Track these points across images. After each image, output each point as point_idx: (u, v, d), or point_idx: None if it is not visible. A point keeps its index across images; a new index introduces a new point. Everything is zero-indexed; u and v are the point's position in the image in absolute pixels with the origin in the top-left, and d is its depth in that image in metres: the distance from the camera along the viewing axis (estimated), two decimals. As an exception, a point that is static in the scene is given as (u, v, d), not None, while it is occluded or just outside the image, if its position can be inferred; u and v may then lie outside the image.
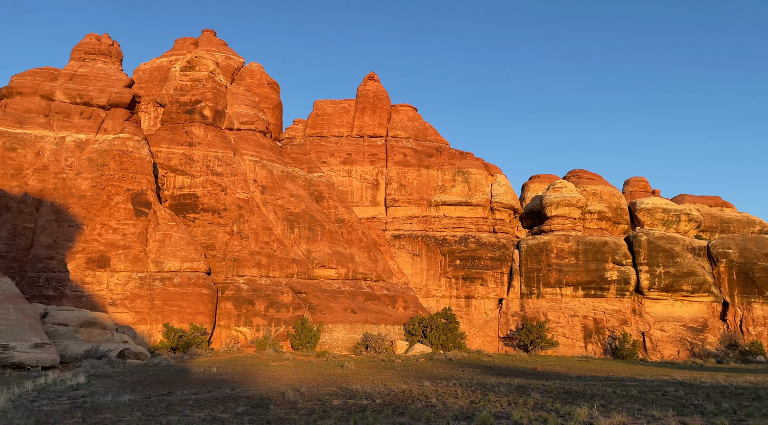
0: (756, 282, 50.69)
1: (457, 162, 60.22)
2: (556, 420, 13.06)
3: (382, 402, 16.88)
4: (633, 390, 20.95)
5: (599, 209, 60.66)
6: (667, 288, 50.85)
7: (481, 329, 52.20)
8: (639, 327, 50.81)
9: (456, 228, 56.74)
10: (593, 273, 51.59)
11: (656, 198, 64.86)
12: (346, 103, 62.62)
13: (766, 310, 50.55)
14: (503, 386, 22.35)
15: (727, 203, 70.18)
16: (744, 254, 51.61)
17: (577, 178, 65.28)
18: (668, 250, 51.61)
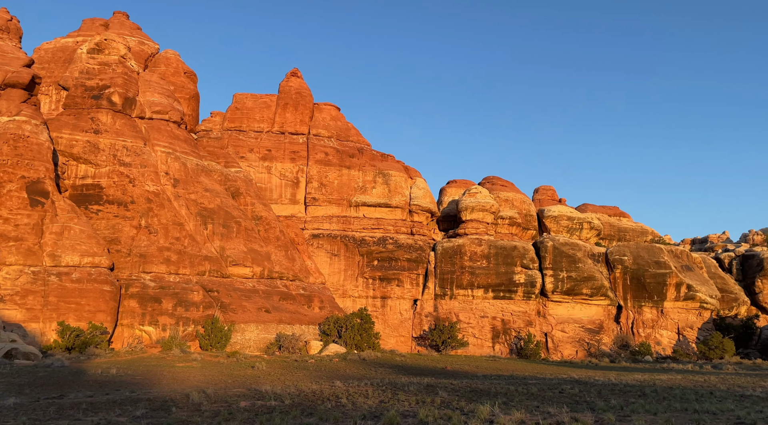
0: (647, 288, 55.01)
1: (379, 163, 60.73)
2: (460, 418, 13.48)
3: (292, 403, 16.67)
4: (533, 388, 22.06)
5: (510, 215, 63.44)
6: (569, 291, 54.02)
7: (396, 329, 52.93)
8: (542, 328, 53.60)
9: (375, 229, 57.19)
10: (503, 276, 53.81)
11: (562, 206, 68.87)
12: (267, 97, 61.32)
13: (654, 313, 55.02)
14: (413, 385, 22.78)
15: (624, 213, 75.84)
16: (637, 261, 55.86)
17: (492, 185, 67.94)
18: (571, 256, 54.85)
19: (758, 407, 16.48)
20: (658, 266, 55.24)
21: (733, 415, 14.64)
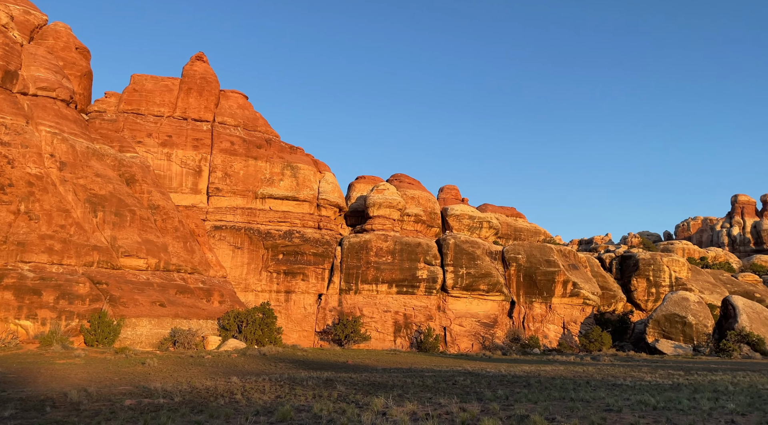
0: (537, 285, 58.64)
1: (287, 156, 59.77)
2: (354, 411, 13.65)
3: (182, 401, 16.03)
4: (429, 381, 22.81)
5: (416, 212, 64.99)
6: (468, 287, 56.35)
7: (299, 324, 52.49)
8: (442, 323, 55.52)
9: (281, 222, 56.27)
10: (407, 271, 55.05)
11: (465, 206, 71.63)
12: (169, 81, 58.19)
13: (543, 309, 58.80)
14: (312, 380, 22.74)
15: (521, 214, 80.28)
16: (530, 259, 59.37)
17: (399, 182, 69.19)
18: (471, 253, 57.21)
19: (626, 395, 18.12)
20: (549, 265, 59.06)
21: (604, 403, 16.01)
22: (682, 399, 16.36)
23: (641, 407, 15.11)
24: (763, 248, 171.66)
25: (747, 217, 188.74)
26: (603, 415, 13.38)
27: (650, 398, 16.38)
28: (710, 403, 15.61)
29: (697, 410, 14.47)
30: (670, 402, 16.00)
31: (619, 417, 13.50)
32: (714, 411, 14.31)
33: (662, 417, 13.23)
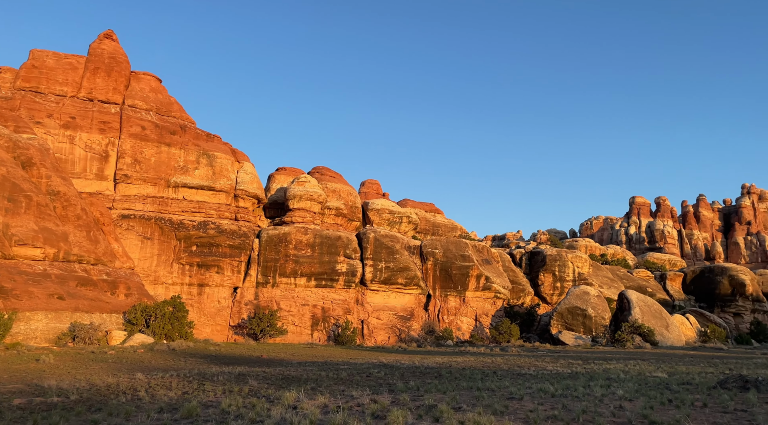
0: (452, 278, 60.44)
1: (203, 144, 57.57)
2: (264, 405, 13.45)
3: (78, 399, 15.08)
4: (343, 373, 22.91)
5: (337, 206, 64.87)
6: (386, 280, 57.07)
7: (213, 318, 50.91)
8: (360, 316, 55.91)
9: (196, 212, 54.20)
10: (326, 265, 54.86)
11: (385, 200, 72.38)
12: (74, 58, 54.17)
13: (457, 302, 60.74)
14: (224, 375, 22.15)
15: (439, 210, 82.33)
16: (446, 254, 61.06)
17: (321, 175, 68.75)
18: (390, 247, 57.95)
19: (528, 384, 19.12)
20: (464, 259, 61.03)
21: (508, 391, 16.80)
22: (578, 387, 17.50)
23: (541, 395, 16.00)
24: (655, 246, 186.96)
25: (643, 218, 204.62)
26: (506, 403, 14.04)
27: (550, 386, 17.39)
28: (603, 390, 16.81)
29: (590, 396, 15.53)
30: (568, 389, 17.07)
31: (520, 404, 14.22)
32: (605, 398, 15.42)
33: (559, 404, 14.09)
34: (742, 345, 64.48)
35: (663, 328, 57.00)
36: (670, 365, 28.89)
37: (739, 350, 53.00)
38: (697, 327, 64.48)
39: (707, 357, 38.64)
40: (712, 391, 16.88)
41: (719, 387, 17.59)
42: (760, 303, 79.79)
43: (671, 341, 56.21)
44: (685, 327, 63.19)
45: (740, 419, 12.03)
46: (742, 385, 17.44)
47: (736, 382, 17.77)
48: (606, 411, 13.09)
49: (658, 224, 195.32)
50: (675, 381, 20.22)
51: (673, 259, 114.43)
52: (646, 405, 13.74)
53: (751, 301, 79.41)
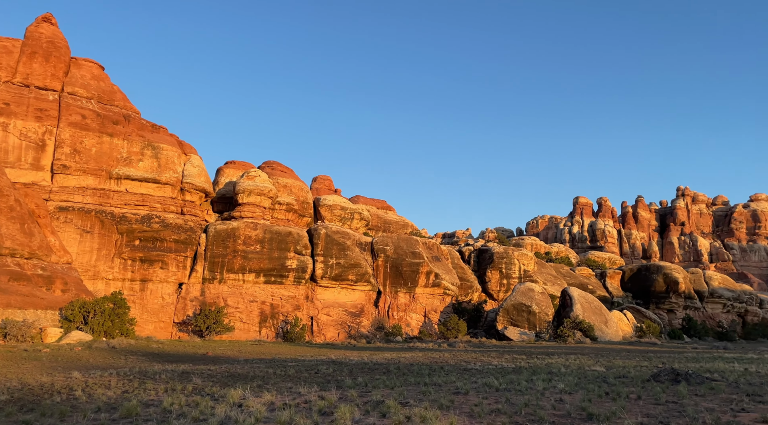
0: (403, 275, 60.90)
1: (148, 134, 55.61)
2: (208, 404, 13.16)
3: (9, 399, 14.30)
4: (291, 370, 22.70)
5: (288, 201, 64.11)
6: (337, 277, 56.90)
7: (156, 315, 49.35)
8: (309, 312, 55.53)
9: (139, 205, 52.32)
10: (276, 261, 54.15)
11: (337, 196, 72.11)
12: (9, 41, 51.12)
13: (407, 298, 61.27)
14: (166, 373, 21.53)
15: (391, 207, 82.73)
16: (397, 251, 61.45)
17: (271, 169, 67.72)
18: (341, 244, 57.79)
19: (474, 378, 19.51)
20: (414, 256, 61.59)
21: (454, 386, 17.09)
22: (522, 381, 18.00)
23: (486, 389, 16.36)
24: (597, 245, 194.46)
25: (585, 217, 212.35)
26: (452, 398, 14.28)
27: (494, 381, 17.81)
28: (544, 384, 17.35)
29: (533, 390, 16.00)
30: (511, 384, 17.53)
31: (465, 398, 14.50)
32: (547, 391, 15.92)
33: (502, 398, 14.45)
34: (675, 339, 68.01)
35: (602, 324, 59.38)
36: (608, 359, 30.13)
37: (671, 344, 55.87)
38: (633, 323, 67.51)
39: (642, 351, 40.52)
40: (646, 384, 17.71)
41: (653, 381, 18.47)
42: (691, 300, 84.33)
43: (610, 336, 58.63)
44: (623, 322, 66.05)
45: (671, 410, 12.67)
46: (673, 378, 18.38)
47: (668, 375, 18.72)
48: (547, 404, 13.52)
49: (599, 224, 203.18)
50: (612, 374, 21.10)
51: (613, 258, 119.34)
52: (584, 398, 14.27)
53: (684, 298, 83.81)
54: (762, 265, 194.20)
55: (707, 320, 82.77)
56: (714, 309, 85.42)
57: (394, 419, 11.27)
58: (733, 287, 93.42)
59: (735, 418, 11.63)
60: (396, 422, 11.12)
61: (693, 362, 28.20)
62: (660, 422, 11.19)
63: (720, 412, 12.38)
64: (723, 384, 17.51)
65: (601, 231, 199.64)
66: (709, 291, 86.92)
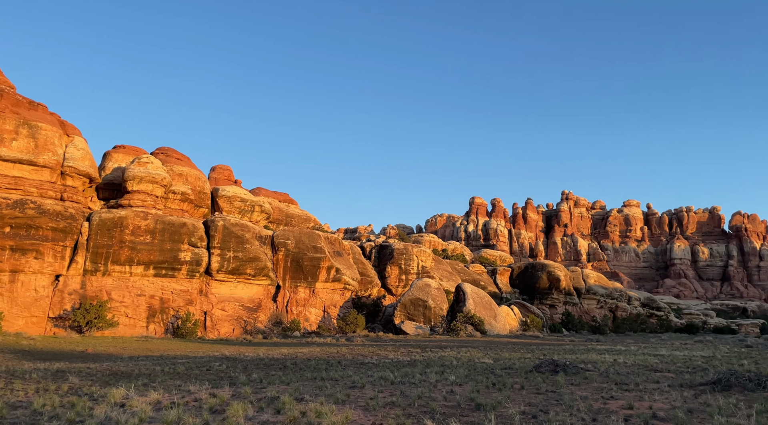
0: (303, 270, 60.31)
1: (24, 112, 50.41)
2: (86, 405, 12.19)
3: None
4: (181, 368, 21.66)
5: (183, 190, 61.06)
6: (234, 271, 55.14)
7: (28, 309, 44.97)
8: (203, 307, 53.34)
9: (12, 189, 47.32)
10: (168, 253, 51.40)
11: (237, 187, 69.82)
12: None
13: (307, 293, 60.75)
14: (38, 372, 19.70)
15: (293, 200, 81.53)
16: (299, 245, 60.72)
17: (166, 156, 64.13)
18: (240, 236, 56.06)
19: (370, 372, 19.75)
20: (316, 251, 61.21)
21: (350, 380, 17.19)
22: (416, 374, 18.50)
23: (382, 382, 16.63)
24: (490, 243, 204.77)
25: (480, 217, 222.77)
26: (348, 392, 14.35)
27: (390, 374, 18.15)
28: (437, 376, 17.96)
29: (426, 383, 16.50)
30: (406, 376, 17.95)
31: (361, 392, 14.63)
32: (439, 383, 16.49)
33: (397, 391, 14.76)
34: (555, 333, 73.35)
35: (492, 318, 62.64)
36: (496, 352, 31.83)
37: (552, 337, 60.17)
38: (519, 317, 71.89)
39: (526, 344, 43.27)
40: (529, 375, 18.91)
41: (535, 371, 19.76)
42: (570, 296, 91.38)
43: (498, 330, 62.00)
44: (510, 317, 70.11)
45: (550, 399, 13.61)
46: (553, 369, 19.79)
47: (549, 366, 20.12)
48: (439, 395, 14.00)
49: (492, 224, 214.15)
50: (499, 366, 22.30)
51: (504, 256, 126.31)
52: (473, 389, 14.95)
53: (564, 294, 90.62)
54: (631, 265, 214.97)
55: (583, 315, 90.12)
56: (589, 304, 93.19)
57: (289, 415, 11.11)
58: (607, 285, 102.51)
59: (605, 405, 12.73)
60: (291, 418, 10.97)
61: (570, 354, 30.54)
62: (540, 410, 11.99)
63: (592, 400, 13.49)
64: (595, 374, 19.12)
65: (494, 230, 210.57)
66: (585, 288, 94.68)
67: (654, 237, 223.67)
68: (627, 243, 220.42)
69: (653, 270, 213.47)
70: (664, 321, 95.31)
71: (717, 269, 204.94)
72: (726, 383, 15.40)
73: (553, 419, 10.92)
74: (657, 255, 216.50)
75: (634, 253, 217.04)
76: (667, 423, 10.75)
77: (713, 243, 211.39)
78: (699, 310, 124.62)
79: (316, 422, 10.74)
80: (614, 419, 11.01)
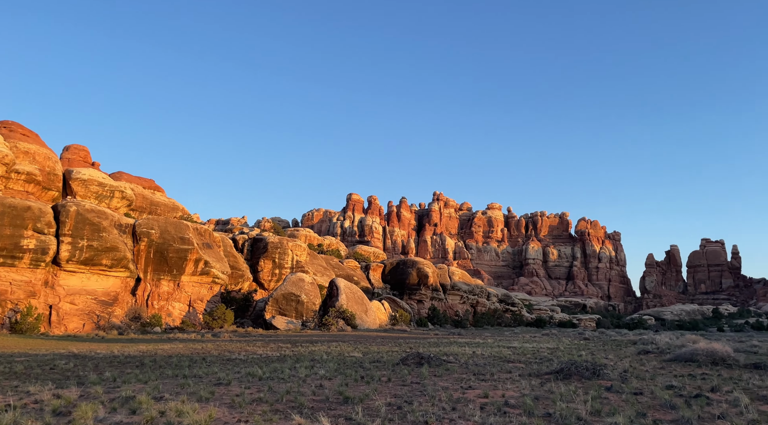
0: (168, 262, 56.79)
1: None
2: None
3: None
4: (19, 366, 19.37)
5: (29, 170, 54.59)
6: (87, 261, 50.43)
7: None
8: (48, 300, 48.12)
9: None
10: (7, 239, 45.63)
11: (94, 170, 63.90)
12: None
13: (171, 286, 57.31)
14: None
15: (160, 188, 76.46)
16: (164, 235, 57.05)
17: (9, 131, 56.89)
18: (96, 224, 51.39)
19: (238, 368, 19.16)
20: (183, 242, 57.97)
21: (216, 377, 16.54)
22: (285, 369, 18.29)
23: (249, 378, 16.21)
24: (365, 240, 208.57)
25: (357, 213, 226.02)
26: (213, 389, 13.79)
27: (258, 370, 17.75)
28: (307, 371, 17.91)
29: (295, 378, 16.37)
30: (275, 372, 17.68)
31: (227, 389, 14.15)
32: (309, 378, 16.45)
33: (265, 386, 14.48)
34: (422, 327, 76.69)
35: (363, 313, 63.88)
36: (366, 346, 32.50)
37: (418, 331, 62.82)
38: (389, 312, 74.11)
39: (395, 338, 44.71)
40: (396, 367, 19.57)
41: (401, 364, 20.49)
42: (437, 291, 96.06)
43: (368, 324, 63.38)
44: (381, 312, 72.01)
45: (415, 391, 14.20)
46: (418, 361, 20.66)
47: (414, 359, 20.97)
48: (308, 390, 13.97)
49: (368, 220, 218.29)
50: (368, 360, 22.81)
51: (377, 252, 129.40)
52: (342, 383, 15.13)
53: (431, 290, 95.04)
54: (492, 263, 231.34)
55: (448, 309, 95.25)
56: (454, 300, 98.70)
57: (146, 415, 10.41)
58: (470, 282, 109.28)
59: (464, 395, 13.55)
60: (148, 418, 10.28)
61: (434, 347, 32.10)
62: (405, 401, 12.45)
63: (453, 390, 14.30)
64: (456, 366, 20.29)
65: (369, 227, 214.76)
66: (451, 284, 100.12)
67: (512, 238, 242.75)
68: (489, 244, 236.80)
69: (510, 268, 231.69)
70: (518, 315, 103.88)
71: (563, 269, 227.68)
72: (567, 372, 17.16)
73: (416, 409, 11.39)
74: (514, 255, 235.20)
75: (494, 253, 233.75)
76: (517, 409, 11.71)
77: (561, 246, 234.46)
78: (547, 306, 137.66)
79: (176, 421, 10.17)
80: (471, 407, 11.76)
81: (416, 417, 10.72)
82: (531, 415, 11.00)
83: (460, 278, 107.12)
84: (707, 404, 12.47)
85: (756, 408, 12.04)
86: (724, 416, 11.02)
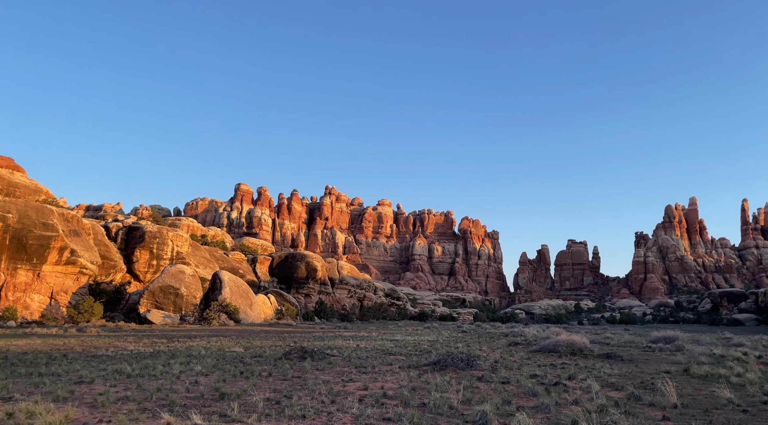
0: (28, 249, 51.30)
1: None
2: None
3: None
4: None
5: None
6: (-74, 246, 44.10)
7: None
8: None
9: None
10: None
11: (-60, 143, 56.03)
12: None
13: (30, 277, 51.81)
14: None
15: (20, 168, 68.77)
16: (23, 221, 51.42)
17: None
18: (-62, 204, 45.05)
19: (103, 365, 17.78)
20: (46, 228, 52.68)
21: (77, 375, 15.22)
22: (158, 365, 17.27)
23: (116, 376, 15.12)
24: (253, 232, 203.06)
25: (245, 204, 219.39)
26: (72, 388, 12.67)
27: (127, 367, 16.60)
28: (182, 367, 17.05)
29: (168, 374, 15.52)
30: (146, 369, 16.63)
31: (89, 388, 13.08)
32: (183, 374, 15.67)
33: (134, 384, 13.57)
34: (308, 321, 76.32)
35: (248, 307, 62.20)
36: (248, 340, 31.67)
37: (304, 325, 62.48)
38: (275, 306, 72.88)
39: (279, 332, 44.06)
40: (278, 362, 19.26)
41: (284, 358, 20.22)
42: (325, 286, 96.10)
43: (253, 318, 61.85)
44: (266, 306, 70.59)
45: (295, 385, 14.06)
46: (301, 355, 20.50)
47: (298, 353, 20.79)
48: (181, 387, 13.30)
49: (257, 212, 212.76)
50: (249, 354, 22.23)
51: (265, 245, 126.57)
52: (219, 379, 14.60)
53: (320, 284, 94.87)
54: (380, 258, 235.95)
55: (335, 303, 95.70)
56: (341, 294, 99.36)
57: (-11, 420, 9.30)
58: (358, 276, 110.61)
59: (344, 388, 13.65)
60: (-10, 423, 9.19)
61: (319, 341, 32.06)
62: (284, 396, 12.28)
63: (333, 383, 14.35)
64: (339, 359, 20.42)
65: (258, 219, 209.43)
66: (339, 278, 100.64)
67: (401, 234, 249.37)
68: (378, 239, 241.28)
69: (398, 263, 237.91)
70: (402, 309, 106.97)
71: (447, 265, 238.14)
72: (443, 363, 17.94)
73: (295, 404, 11.29)
74: (402, 250, 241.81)
75: (383, 248, 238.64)
76: (395, 400, 12.02)
77: (446, 243, 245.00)
78: (430, 300, 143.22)
79: (26, 424, 9.21)
80: (350, 400, 11.88)
81: (294, 411, 10.61)
82: (407, 406, 11.35)
83: (348, 272, 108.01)
84: (564, 391, 13.65)
85: (605, 394, 13.38)
86: (578, 402, 12.12)
